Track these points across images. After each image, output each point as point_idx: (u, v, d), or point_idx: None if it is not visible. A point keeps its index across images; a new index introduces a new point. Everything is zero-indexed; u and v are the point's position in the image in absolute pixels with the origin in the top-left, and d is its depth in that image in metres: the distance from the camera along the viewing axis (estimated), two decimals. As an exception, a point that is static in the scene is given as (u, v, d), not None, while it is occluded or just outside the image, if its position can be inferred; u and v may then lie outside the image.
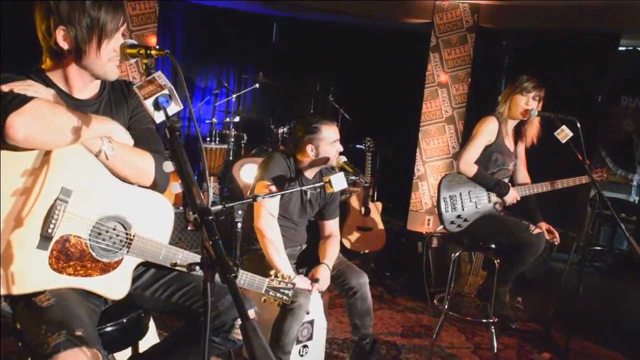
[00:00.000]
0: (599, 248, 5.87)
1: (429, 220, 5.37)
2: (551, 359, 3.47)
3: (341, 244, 4.60)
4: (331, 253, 2.89)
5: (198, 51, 6.47)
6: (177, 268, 1.75)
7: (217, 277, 1.23)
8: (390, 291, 4.42)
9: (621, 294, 5.06)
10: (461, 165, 3.28)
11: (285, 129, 5.49)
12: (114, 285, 1.73)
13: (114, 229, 1.71)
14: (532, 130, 3.36)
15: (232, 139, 5.65)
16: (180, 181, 1.38)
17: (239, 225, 2.42)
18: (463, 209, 3.27)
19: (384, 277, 4.65)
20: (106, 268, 1.71)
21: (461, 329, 3.82)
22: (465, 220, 3.27)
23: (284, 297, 2.16)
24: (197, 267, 1.26)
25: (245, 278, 2.02)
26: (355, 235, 4.79)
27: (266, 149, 5.45)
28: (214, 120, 5.83)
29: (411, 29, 6.01)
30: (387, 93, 6.46)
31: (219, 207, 2.32)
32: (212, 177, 5.37)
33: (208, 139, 5.64)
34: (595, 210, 3.09)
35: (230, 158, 5.57)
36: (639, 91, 6.53)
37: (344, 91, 6.00)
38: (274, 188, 2.71)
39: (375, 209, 4.94)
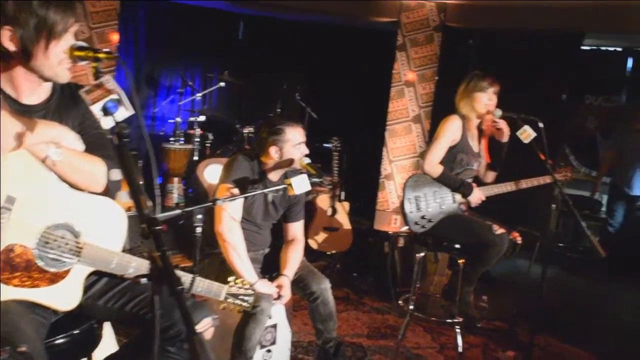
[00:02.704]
0: (562, 245, 5.97)
1: (395, 219, 5.40)
2: (516, 356, 3.52)
3: (308, 244, 4.64)
4: (293, 261, 2.87)
5: (162, 49, 6.36)
6: (124, 278, 1.71)
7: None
8: (356, 292, 4.42)
9: (585, 291, 5.17)
10: (426, 166, 3.29)
11: (251, 129, 5.45)
12: (63, 296, 1.68)
13: (62, 238, 1.66)
14: (490, 127, 3.41)
15: (197, 139, 5.58)
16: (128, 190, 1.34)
17: (198, 230, 2.38)
18: (427, 210, 3.28)
19: (351, 278, 4.65)
20: (55, 278, 1.66)
21: (427, 329, 3.85)
22: (430, 220, 3.28)
23: (244, 304, 2.13)
24: (145, 279, 1.22)
25: (202, 285, 1.98)
26: (321, 236, 4.78)
27: (232, 149, 5.40)
28: (178, 119, 5.74)
29: (378, 28, 6.03)
30: (354, 92, 6.46)
31: (177, 211, 2.29)
32: (176, 178, 5.28)
33: (172, 138, 5.54)
34: (559, 209, 3.09)
35: (195, 158, 5.49)
36: (602, 90, 6.70)
37: (311, 90, 5.99)
38: (236, 191, 2.68)
39: (342, 209, 4.94)
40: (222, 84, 5.72)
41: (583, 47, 6.30)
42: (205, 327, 1.89)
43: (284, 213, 3.00)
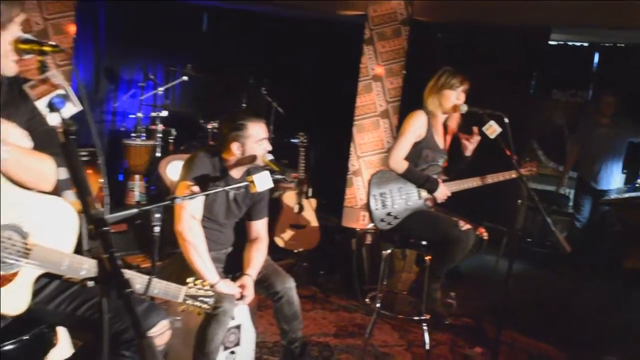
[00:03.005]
0: (530, 240, 6.09)
1: (364, 216, 5.43)
2: (483, 353, 3.58)
3: (274, 242, 4.64)
4: (256, 260, 2.87)
5: (123, 41, 6.25)
6: (71, 281, 1.68)
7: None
8: (323, 290, 4.44)
9: (553, 285, 5.30)
10: (391, 162, 3.31)
11: (215, 124, 5.42)
12: (11, 300, 1.64)
13: (9, 239, 1.62)
14: (454, 122, 3.44)
15: (159, 135, 5.51)
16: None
17: (157, 229, 2.35)
18: (393, 206, 3.30)
19: (318, 276, 4.66)
20: (0, 281, 1.62)
21: (395, 327, 3.89)
22: (396, 217, 3.31)
23: (204, 306, 2.12)
24: (92, 282, 1.20)
25: (159, 287, 1.96)
26: (288, 233, 4.78)
27: (196, 145, 5.36)
28: (140, 114, 5.65)
29: (345, 21, 6.04)
30: (321, 87, 6.47)
31: (134, 210, 2.26)
32: (137, 175, 5.22)
33: (133, 134, 5.48)
34: (525, 205, 3.15)
35: (158, 155, 5.43)
36: (569, 85, 6.84)
37: (278, 84, 5.96)
38: (196, 189, 2.66)
39: (309, 206, 4.94)
40: (185, 77, 5.66)
41: (550, 42, 6.43)
42: (162, 330, 1.88)
43: (247, 211, 2.99)
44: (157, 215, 2.32)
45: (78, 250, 1.77)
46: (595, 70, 6.75)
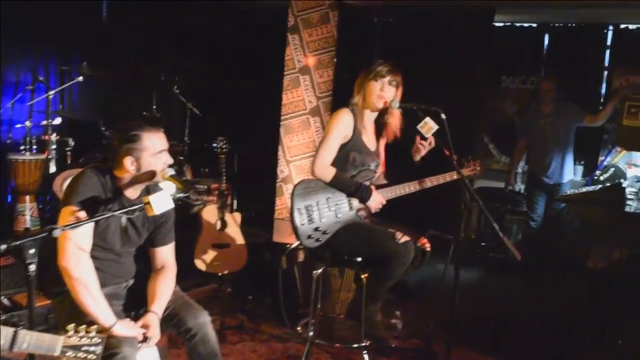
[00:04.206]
0: (485, 244, 6.19)
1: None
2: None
3: (194, 266, 4.52)
4: (162, 293, 2.78)
5: (7, 37, 5.96)
6: None
7: None
8: (252, 318, 4.38)
9: (509, 293, 5.41)
10: (316, 169, 3.29)
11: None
12: None
13: None
14: (394, 123, 3.43)
15: (54, 146, 5.32)
16: None
17: (32, 267, 2.21)
18: (321, 220, 3.27)
19: (246, 302, 4.59)
20: None
21: (334, 356, 3.85)
22: (325, 232, 3.28)
23: (90, 356, 2.00)
24: None
25: (28, 340, 1.84)
26: (210, 255, 4.64)
27: (97, 157, 5.18)
28: (29, 123, 5.38)
29: (267, 8, 5.99)
30: (243, 83, 6.39)
31: (3, 246, 2.12)
32: (28, 197, 4.99)
33: (21, 147, 5.23)
34: (468, 209, 3.18)
35: (52, 170, 5.22)
36: (519, 70, 7.01)
37: (193, 82, 5.85)
38: (82, 214, 2.53)
39: (233, 221, 4.82)
40: (81, 78, 5.47)
41: (496, 24, 6.57)
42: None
43: (150, 236, 2.88)
44: (32, 251, 2.19)
45: None
46: (546, 53, 6.92)
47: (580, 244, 5.83)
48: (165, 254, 2.92)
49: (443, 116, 3.12)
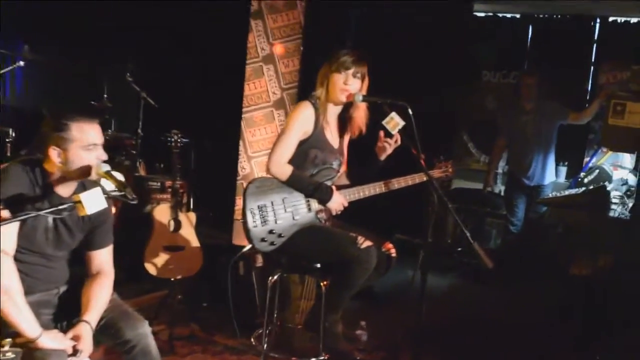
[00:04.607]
0: (460, 250, 6.17)
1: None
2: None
3: (144, 270, 4.44)
4: (97, 302, 2.69)
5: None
6: None
7: None
8: (205, 327, 4.28)
9: (486, 301, 5.38)
10: (272, 166, 3.23)
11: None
12: None
13: None
14: (359, 118, 3.39)
15: (-9, 138, 5.17)
16: None
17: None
18: (277, 222, 3.22)
19: (199, 310, 4.52)
20: None
21: (294, 370, 3.79)
22: (280, 235, 3.23)
23: (2, 373, 1.90)
24: None
25: None
26: (162, 258, 4.56)
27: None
28: (-38, 113, 5.30)
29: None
30: (202, 72, 6.36)
31: None
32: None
33: (-46, 140, 5.12)
34: (435, 212, 3.13)
35: (-10, 164, 5.08)
36: (501, 64, 7.01)
37: (148, 69, 5.75)
38: (5, 213, 2.43)
39: (188, 222, 4.75)
40: (21, 62, 5.32)
41: (476, 14, 6.57)
42: None
43: (85, 238, 2.79)
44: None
45: None
46: (530, 46, 6.93)
47: (563, 250, 5.82)
48: (102, 258, 2.83)
49: (410, 111, 3.07)
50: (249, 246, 3.29)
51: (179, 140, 4.75)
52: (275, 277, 3.38)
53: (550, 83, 5.73)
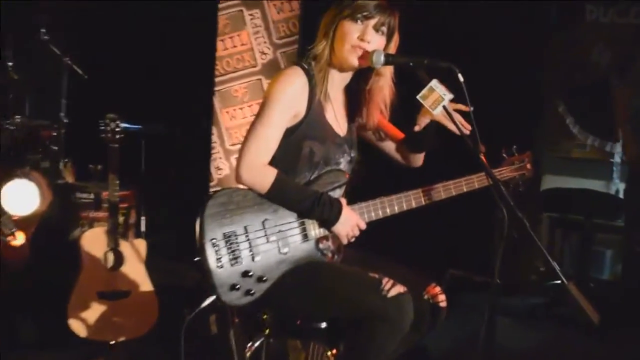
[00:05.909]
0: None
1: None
2: None
3: (69, 329, 4.53)
4: None
5: None
6: None
7: None
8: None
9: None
10: (243, 171, 3.09)
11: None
12: None
13: None
14: (379, 91, 3.29)
15: None
16: None
17: None
18: (254, 259, 3.08)
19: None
20: None
21: None
22: (261, 279, 3.08)
23: None
24: None
25: None
26: (95, 310, 4.66)
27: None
28: None
29: None
30: (151, 24, 6.44)
31: None
32: None
33: None
34: (505, 237, 2.97)
35: None
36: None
37: (74, 23, 5.78)
38: None
39: (134, 254, 4.81)
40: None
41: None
42: None
43: None
44: None
45: None
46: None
47: None
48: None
49: (461, 78, 2.92)
50: (210, 298, 3.11)
51: (117, 128, 4.75)
52: (257, 343, 3.30)
53: None
